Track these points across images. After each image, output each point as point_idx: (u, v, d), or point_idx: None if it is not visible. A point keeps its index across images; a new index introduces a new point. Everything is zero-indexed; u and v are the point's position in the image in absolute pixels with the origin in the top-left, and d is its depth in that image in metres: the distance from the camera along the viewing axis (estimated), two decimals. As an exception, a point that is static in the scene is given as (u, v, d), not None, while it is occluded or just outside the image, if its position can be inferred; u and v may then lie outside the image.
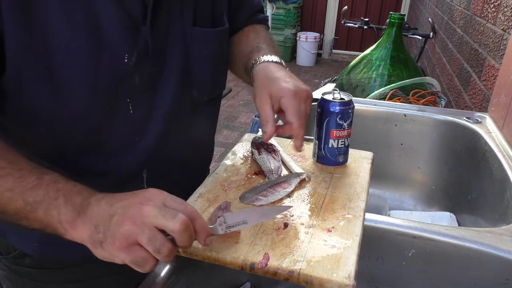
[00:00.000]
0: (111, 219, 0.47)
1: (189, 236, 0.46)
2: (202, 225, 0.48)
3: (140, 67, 0.64)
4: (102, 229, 0.47)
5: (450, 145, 1.17)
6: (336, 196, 0.65)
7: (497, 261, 0.66)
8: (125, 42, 0.62)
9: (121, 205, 0.48)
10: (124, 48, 0.62)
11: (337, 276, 0.48)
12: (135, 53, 0.63)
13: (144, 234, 0.45)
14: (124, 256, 0.46)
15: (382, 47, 1.57)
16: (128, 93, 0.65)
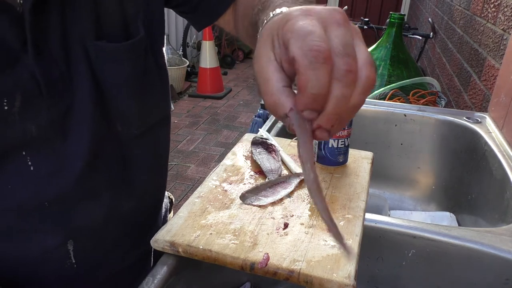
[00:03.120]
0: None
1: None
2: None
3: (31, 111, 0.47)
4: None
5: (450, 145, 1.17)
6: (336, 196, 0.65)
7: (497, 261, 0.66)
8: (2, 84, 0.45)
9: None
10: (1, 93, 0.45)
11: (337, 276, 0.48)
12: (19, 95, 0.46)
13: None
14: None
15: (382, 47, 1.57)
16: (22, 145, 0.49)
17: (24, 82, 0.46)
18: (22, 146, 0.49)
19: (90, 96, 0.52)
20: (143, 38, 0.56)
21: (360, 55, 0.32)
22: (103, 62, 0.52)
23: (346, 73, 0.31)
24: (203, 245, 0.53)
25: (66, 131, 0.52)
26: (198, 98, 4.31)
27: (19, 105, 0.46)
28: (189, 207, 0.62)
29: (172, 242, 0.54)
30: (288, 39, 0.32)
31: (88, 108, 0.52)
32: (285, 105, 0.33)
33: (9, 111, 0.46)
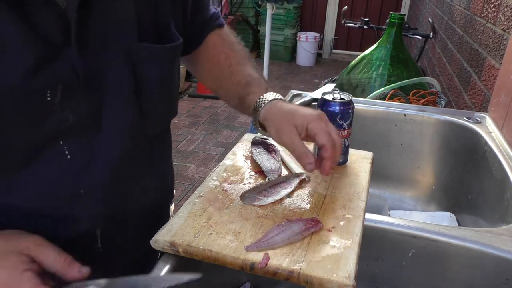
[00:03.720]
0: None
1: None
2: None
3: (69, 102, 0.51)
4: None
5: (450, 145, 1.17)
6: (336, 196, 0.65)
7: (497, 261, 0.66)
8: (44, 75, 0.48)
9: None
10: (46, 84, 0.48)
11: (337, 276, 0.48)
12: (60, 86, 0.50)
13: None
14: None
15: (382, 47, 1.57)
16: (60, 135, 0.53)
17: (65, 75, 0.50)
18: (60, 135, 0.52)
19: (125, 91, 0.57)
20: (181, 44, 0.64)
21: (334, 131, 0.62)
22: (143, 62, 0.58)
23: (340, 143, 0.61)
24: (203, 245, 0.53)
25: (101, 122, 0.56)
26: (198, 98, 4.31)
27: (60, 96, 0.50)
28: (189, 207, 0.62)
29: (172, 242, 0.54)
30: (316, 133, 0.60)
31: (122, 103, 0.57)
32: (311, 157, 0.59)
33: (51, 101, 0.50)
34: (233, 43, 0.78)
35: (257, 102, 0.67)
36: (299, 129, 0.60)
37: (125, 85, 0.57)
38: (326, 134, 0.59)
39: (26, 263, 0.47)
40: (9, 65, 0.46)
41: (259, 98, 0.67)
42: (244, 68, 0.74)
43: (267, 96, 0.66)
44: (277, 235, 0.54)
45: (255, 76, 0.72)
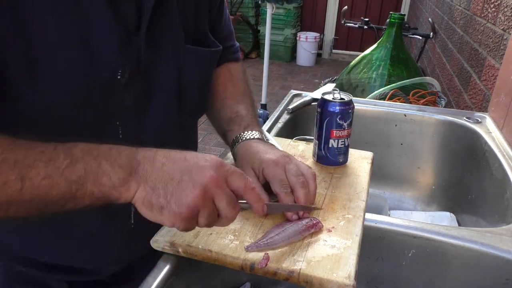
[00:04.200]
0: (176, 183, 0.46)
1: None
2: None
3: (131, 85, 0.58)
4: (162, 192, 0.45)
5: (450, 145, 1.17)
6: (336, 196, 0.65)
7: (497, 261, 0.66)
8: (118, 55, 0.55)
9: (186, 170, 0.46)
10: (116, 63, 0.55)
11: (337, 276, 0.48)
12: (128, 69, 0.56)
13: (207, 209, 0.46)
14: (182, 225, 0.46)
15: (382, 47, 1.57)
16: (118, 114, 0.59)
17: (132, 59, 0.57)
18: (117, 115, 0.58)
19: (170, 85, 0.64)
20: (220, 50, 0.72)
21: (301, 168, 0.61)
22: (187, 62, 0.65)
23: (301, 183, 0.59)
24: (203, 245, 0.53)
25: (149, 108, 0.62)
26: (198, 98, 4.31)
27: (126, 77, 0.56)
28: (189, 207, 0.62)
29: (172, 242, 0.54)
30: (269, 180, 0.60)
31: (166, 95, 0.64)
32: (265, 199, 0.58)
33: (120, 81, 0.56)
34: (237, 80, 0.81)
35: (233, 140, 0.69)
36: (257, 173, 0.61)
37: (171, 79, 0.64)
38: (278, 181, 0.59)
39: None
40: (102, 44, 0.53)
41: (235, 137, 0.69)
42: (236, 104, 0.76)
43: (243, 135, 0.68)
44: (277, 235, 0.54)
45: (241, 113, 0.74)
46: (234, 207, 0.48)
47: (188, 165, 0.47)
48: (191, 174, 0.46)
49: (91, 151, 0.46)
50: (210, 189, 0.46)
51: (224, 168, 0.49)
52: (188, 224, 0.47)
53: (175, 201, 0.45)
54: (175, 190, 0.45)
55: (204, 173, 0.46)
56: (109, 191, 0.46)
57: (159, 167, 0.47)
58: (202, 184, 0.46)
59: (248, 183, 0.49)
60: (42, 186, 0.43)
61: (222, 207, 0.47)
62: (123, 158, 0.46)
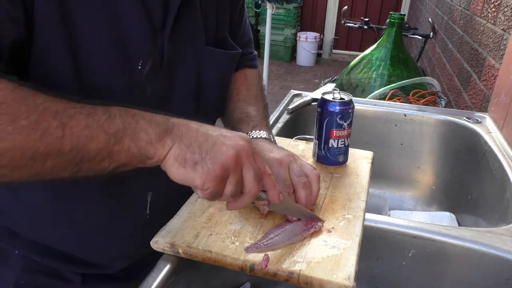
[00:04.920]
0: (211, 144, 0.47)
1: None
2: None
3: (151, 77, 0.60)
4: (198, 150, 0.47)
5: (450, 145, 1.17)
6: (336, 196, 0.65)
7: (497, 261, 0.66)
8: (142, 46, 0.58)
9: (219, 134, 0.49)
10: (140, 53, 0.58)
11: (337, 277, 0.48)
12: (150, 61, 0.59)
13: (236, 175, 0.48)
14: (212, 184, 0.46)
15: (382, 47, 1.57)
16: (139, 105, 0.61)
17: (155, 53, 0.59)
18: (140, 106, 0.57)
19: (189, 84, 0.66)
20: (239, 54, 0.74)
21: (305, 169, 0.61)
22: (208, 62, 0.67)
23: (303, 184, 0.59)
24: (203, 246, 0.53)
25: (167, 104, 0.64)
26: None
27: (147, 69, 0.58)
28: (189, 208, 0.62)
29: (172, 243, 0.54)
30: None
31: (184, 92, 0.66)
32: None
33: (140, 71, 0.58)
34: (252, 85, 0.83)
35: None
36: None
37: (190, 78, 0.66)
38: (281, 181, 0.59)
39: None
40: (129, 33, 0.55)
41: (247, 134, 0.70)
42: (247, 106, 0.78)
43: (250, 134, 0.70)
44: (277, 236, 0.54)
45: (251, 114, 0.75)
46: (259, 182, 0.49)
47: (221, 133, 0.49)
48: (225, 139, 0.48)
49: (128, 111, 0.47)
50: (242, 156, 0.48)
51: (252, 145, 0.51)
52: (217, 186, 0.47)
53: (210, 158, 0.46)
54: (210, 149, 0.47)
55: (238, 141, 0.49)
56: (146, 146, 0.46)
57: (194, 130, 0.49)
58: (236, 148, 0.48)
59: (267, 169, 0.51)
60: (82, 136, 0.43)
61: (249, 178, 0.48)
62: (159, 118, 0.48)
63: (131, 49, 0.56)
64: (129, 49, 0.56)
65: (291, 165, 0.61)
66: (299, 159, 0.63)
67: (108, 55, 0.55)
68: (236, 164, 0.47)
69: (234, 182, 0.48)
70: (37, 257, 0.69)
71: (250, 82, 0.84)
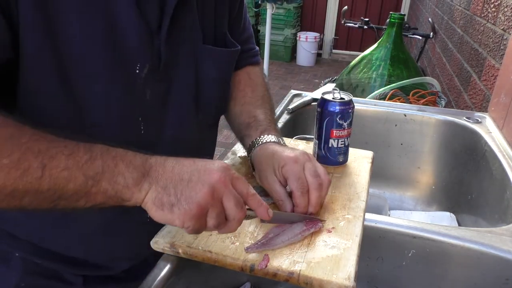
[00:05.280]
0: (186, 182, 0.48)
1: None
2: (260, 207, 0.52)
3: (149, 80, 0.60)
4: (173, 191, 0.47)
5: (450, 145, 1.17)
6: (336, 196, 0.65)
7: (497, 261, 0.66)
8: (139, 50, 0.57)
9: (195, 171, 0.49)
10: (137, 57, 0.57)
11: (337, 278, 0.48)
12: (148, 64, 0.58)
13: (216, 209, 0.48)
14: (191, 223, 0.47)
15: (382, 47, 1.56)
16: (140, 110, 0.61)
17: (153, 57, 0.59)
18: (139, 111, 0.60)
19: (188, 84, 0.66)
20: (238, 51, 0.73)
21: (319, 170, 0.61)
22: (206, 61, 0.67)
23: (318, 185, 0.59)
24: (203, 247, 0.53)
25: (167, 105, 0.64)
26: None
27: (145, 72, 0.58)
28: (189, 208, 0.61)
29: (172, 243, 0.54)
30: (287, 177, 0.60)
31: (183, 94, 0.65)
32: (288, 207, 0.59)
33: (138, 75, 0.58)
34: (256, 85, 0.82)
35: (250, 145, 0.70)
36: (277, 173, 0.61)
37: (189, 78, 0.66)
38: (296, 179, 0.59)
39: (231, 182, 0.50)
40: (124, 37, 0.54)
41: (251, 142, 0.70)
42: (254, 109, 0.76)
43: (260, 139, 0.69)
44: (277, 236, 0.54)
45: (259, 118, 0.74)
46: (242, 208, 0.49)
47: (196, 167, 0.49)
48: (199, 175, 0.48)
49: (110, 151, 0.48)
50: (218, 188, 0.48)
51: (230, 171, 0.50)
52: (197, 223, 0.48)
53: (185, 198, 0.47)
54: (185, 188, 0.47)
55: (212, 174, 0.48)
56: (122, 190, 0.47)
57: (169, 169, 0.49)
58: (211, 183, 0.48)
59: (250, 190, 0.51)
60: (60, 178, 0.45)
61: (230, 207, 0.49)
62: (137, 160, 0.49)
63: (128, 54, 0.56)
64: (126, 54, 0.56)
65: (307, 164, 0.60)
66: (313, 158, 0.63)
67: (105, 62, 0.54)
68: (213, 199, 0.47)
69: (214, 215, 0.48)
70: (38, 259, 0.68)
71: (255, 81, 0.82)
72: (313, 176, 0.59)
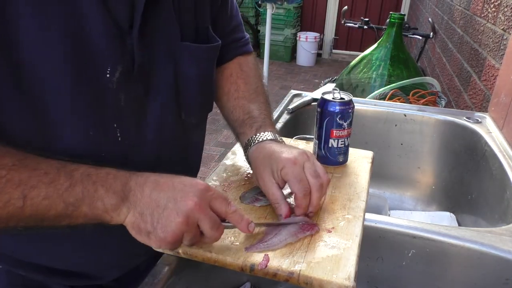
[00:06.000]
0: (161, 210, 0.49)
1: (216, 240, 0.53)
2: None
3: (123, 84, 0.56)
4: (149, 219, 0.49)
5: (450, 145, 1.17)
6: (336, 196, 0.65)
7: (497, 261, 0.66)
8: (108, 52, 0.53)
9: (171, 197, 0.49)
10: (106, 61, 0.53)
11: (337, 278, 0.48)
12: (119, 67, 0.55)
13: (190, 233, 0.50)
14: (168, 247, 0.51)
15: (382, 47, 1.57)
16: (114, 117, 0.57)
17: (125, 58, 0.55)
18: (114, 118, 0.57)
19: (167, 84, 0.63)
20: (219, 46, 0.69)
21: (319, 169, 0.59)
22: (183, 59, 0.63)
23: (319, 186, 0.58)
24: (203, 247, 0.53)
25: (146, 108, 0.61)
26: (198, 98, 4.30)
27: (117, 76, 0.55)
28: (189, 208, 0.61)
29: (172, 242, 0.54)
30: (288, 180, 0.58)
31: (162, 94, 0.62)
32: (284, 211, 0.59)
33: (110, 79, 0.54)
34: (249, 76, 0.78)
35: (246, 144, 0.69)
36: (275, 175, 0.60)
37: (168, 78, 0.63)
38: (298, 181, 0.57)
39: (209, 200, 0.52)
40: (91, 41, 0.51)
41: (247, 140, 0.68)
42: (248, 104, 0.74)
43: (255, 137, 0.67)
44: (275, 236, 0.54)
45: (253, 114, 0.72)
46: (218, 229, 0.51)
47: (173, 193, 0.50)
48: (175, 202, 0.49)
49: (91, 176, 0.49)
50: (193, 215, 0.49)
51: (208, 193, 0.51)
52: (173, 246, 0.51)
53: (160, 227, 0.49)
54: (160, 217, 0.49)
55: (187, 201, 0.49)
56: (102, 214, 0.49)
57: (147, 194, 0.50)
58: (186, 211, 0.49)
59: (230, 207, 0.52)
60: (41, 206, 0.46)
61: (206, 230, 0.50)
62: (117, 184, 0.50)
63: (95, 57, 0.52)
64: (94, 58, 0.52)
65: (306, 164, 0.59)
66: (312, 156, 0.61)
67: (68, 69, 0.50)
68: (187, 226, 0.49)
69: (189, 238, 0.51)
70: (22, 271, 0.67)
71: (247, 73, 0.78)
72: (314, 177, 0.58)
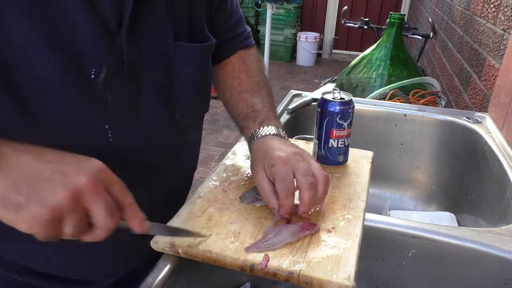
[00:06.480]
0: (43, 181, 0.40)
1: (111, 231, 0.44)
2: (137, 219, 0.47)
3: (110, 85, 0.55)
4: (25, 190, 0.40)
5: (450, 145, 1.17)
6: (336, 196, 0.65)
7: (497, 261, 0.66)
8: (92, 53, 0.52)
9: (58, 168, 0.41)
10: (90, 61, 0.52)
11: (337, 277, 0.48)
12: (105, 67, 0.53)
13: (75, 216, 0.41)
14: (40, 230, 0.40)
15: (382, 47, 1.57)
16: (105, 118, 0.57)
17: (112, 58, 0.54)
18: (105, 119, 0.56)
19: (160, 84, 0.61)
20: (213, 45, 0.68)
21: (313, 168, 0.58)
22: (176, 59, 0.62)
23: (309, 184, 0.56)
24: (203, 247, 0.53)
25: (139, 109, 0.60)
26: (198, 98, 4.30)
27: (103, 77, 0.53)
28: (189, 208, 0.62)
29: (172, 243, 0.54)
30: (274, 178, 0.58)
31: (155, 95, 0.61)
32: (274, 204, 0.58)
33: (95, 80, 0.53)
34: (251, 70, 0.77)
35: (249, 138, 0.68)
36: (267, 172, 0.59)
37: (160, 79, 0.61)
38: (282, 181, 0.56)
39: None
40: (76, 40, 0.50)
41: (251, 134, 0.67)
42: (251, 98, 0.73)
43: (258, 132, 0.66)
44: (275, 236, 0.54)
45: (257, 107, 0.71)
46: (113, 216, 0.43)
47: (63, 166, 0.42)
48: (64, 175, 0.41)
49: None
50: (84, 193, 0.41)
51: (107, 174, 0.44)
52: (47, 231, 0.40)
53: (37, 200, 0.39)
54: (40, 189, 0.40)
55: (80, 176, 0.41)
56: None
57: (26, 162, 0.41)
58: (76, 186, 0.41)
59: (129, 198, 0.46)
60: None
61: (99, 214, 0.42)
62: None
63: (80, 58, 0.51)
64: (78, 58, 0.51)
65: (298, 164, 0.57)
66: (308, 157, 0.60)
67: (54, 69, 0.49)
68: (73, 204, 0.40)
69: (72, 222, 0.41)
70: (18, 276, 0.66)
71: (249, 66, 0.78)
72: (304, 175, 0.56)
